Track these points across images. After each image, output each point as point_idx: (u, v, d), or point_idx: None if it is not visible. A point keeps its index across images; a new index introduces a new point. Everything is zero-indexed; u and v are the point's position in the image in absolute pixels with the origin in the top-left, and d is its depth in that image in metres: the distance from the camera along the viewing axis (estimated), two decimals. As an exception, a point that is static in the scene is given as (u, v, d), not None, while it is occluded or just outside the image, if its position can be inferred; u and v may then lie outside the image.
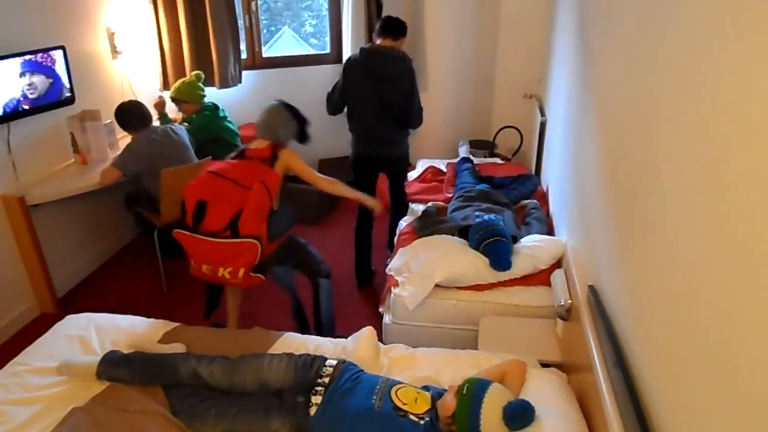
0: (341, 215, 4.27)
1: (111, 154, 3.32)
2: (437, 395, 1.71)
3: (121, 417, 1.69)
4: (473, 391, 1.59)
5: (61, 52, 3.03)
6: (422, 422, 1.61)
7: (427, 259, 2.48)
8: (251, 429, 1.68)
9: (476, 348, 2.17)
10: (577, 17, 2.62)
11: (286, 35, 5.76)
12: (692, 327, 1.01)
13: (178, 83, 3.60)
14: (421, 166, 3.84)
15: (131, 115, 3.09)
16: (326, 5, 4.58)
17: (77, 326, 2.18)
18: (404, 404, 1.65)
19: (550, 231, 2.85)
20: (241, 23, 4.32)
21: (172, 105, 3.79)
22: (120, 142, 3.49)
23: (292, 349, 2.01)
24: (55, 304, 3.10)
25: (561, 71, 3.09)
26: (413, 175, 3.71)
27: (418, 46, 4.23)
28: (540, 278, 2.45)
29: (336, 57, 4.60)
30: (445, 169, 3.72)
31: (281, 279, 2.60)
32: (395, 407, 1.64)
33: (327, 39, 4.68)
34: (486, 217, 2.58)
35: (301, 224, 2.58)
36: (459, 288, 2.43)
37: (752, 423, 0.78)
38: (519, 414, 1.54)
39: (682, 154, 1.10)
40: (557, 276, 2.26)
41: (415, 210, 3.18)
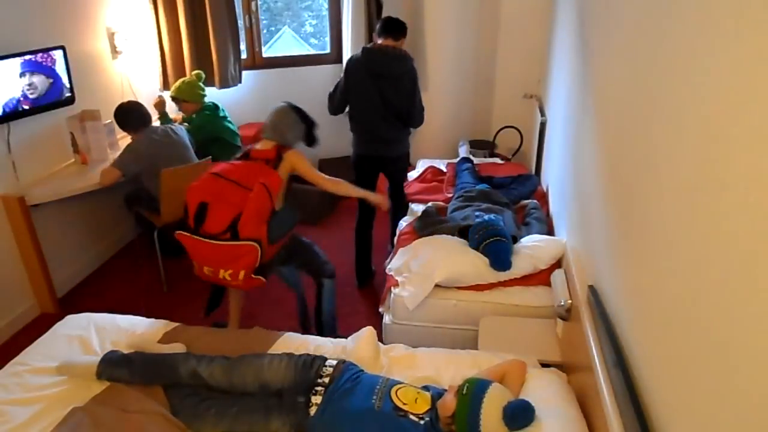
0: (341, 215, 4.27)
1: (111, 154, 3.32)
2: (437, 395, 1.71)
3: (121, 417, 1.69)
4: (473, 391, 1.59)
5: (61, 52, 3.03)
6: (422, 422, 1.61)
7: (427, 259, 2.48)
8: (251, 429, 1.68)
9: (476, 348, 2.17)
10: (577, 17, 2.62)
11: (286, 35, 5.76)
12: (692, 327, 1.01)
13: (179, 82, 3.60)
14: (421, 166, 3.83)
15: (131, 116, 3.09)
16: (326, 5, 4.58)
17: (77, 326, 2.18)
18: (404, 404, 1.65)
19: (550, 231, 2.85)
20: (241, 23, 4.32)
21: (173, 104, 3.79)
22: (120, 142, 3.49)
23: (292, 349, 2.00)
24: (55, 304, 3.10)
25: (561, 71, 3.09)
26: (413, 175, 3.70)
27: (418, 46, 4.23)
28: (540, 278, 2.45)
29: (336, 57, 4.60)
30: (445, 169, 3.72)
31: (288, 279, 2.58)
32: (395, 407, 1.64)
33: (327, 39, 4.68)
34: (486, 217, 2.58)
35: (302, 224, 2.58)
36: (459, 288, 2.43)
37: (752, 423, 0.78)
38: (519, 414, 1.54)
39: (682, 154, 1.10)
40: (557, 276, 2.26)
41: (415, 210, 3.18)
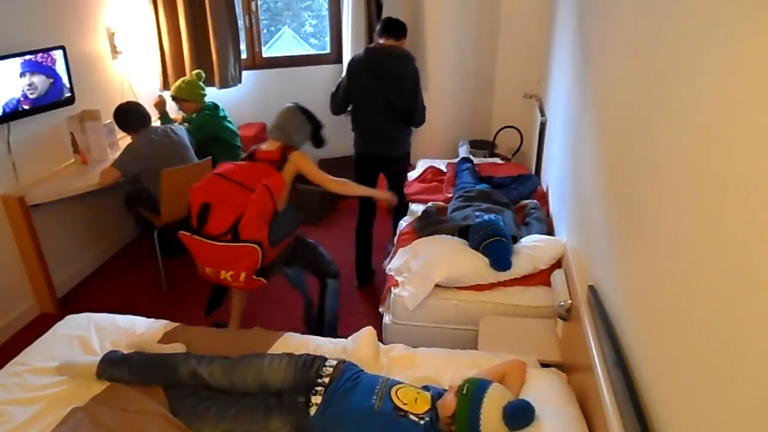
0: (341, 215, 4.27)
1: (111, 154, 3.32)
2: (437, 395, 1.71)
3: (121, 417, 1.69)
4: (473, 391, 1.59)
5: (61, 52, 3.03)
6: (422, 422, 1.61)
7: (427, 259, 2.48)
8: (251, 429, 1.68)
9: (476, 348, 2.17)
10: (577, 17, 2.62)
11: (286, 35, 5.76)
12: (692, 327, 1.01)
13: (179, 82, 3.60)
14: (421, 166, 3.83)
15: (130, 116, 3.09)
16: (326, 5, 4.58)
17: (77, 326, 2.18)
18: (404, 404, 1.65)
19: (550, 231, 2.85)
20: (241, 23, 4.32)
21: (173, 104, 3.79)
22: (120, 142, 3.49)
23: (292, 349, 2.00)
24: (55, 304, 3.10)
25: (561, 71, 3.09)
26: (413, 175, 3.70)
27: (418, 46, 4.23)
28: (540, 278, 2.45)
29: (336, 57, 4.60)
30: (445, 169, 3.72)
31: (293, 280, 2.56)
32: (395, 407, 1.64)
33: (327, 39, 4.68)
34: (486, 217, 2.58)
35: (302, 225, 2.56)
36: (459, 288, 2.43)
37: (752, 423, 0.78)
38: (519, 414, 1.54)
39: (682, 154, 1.10)
40: (557, 276, 2.26)
41: (415, 210, 3.18)
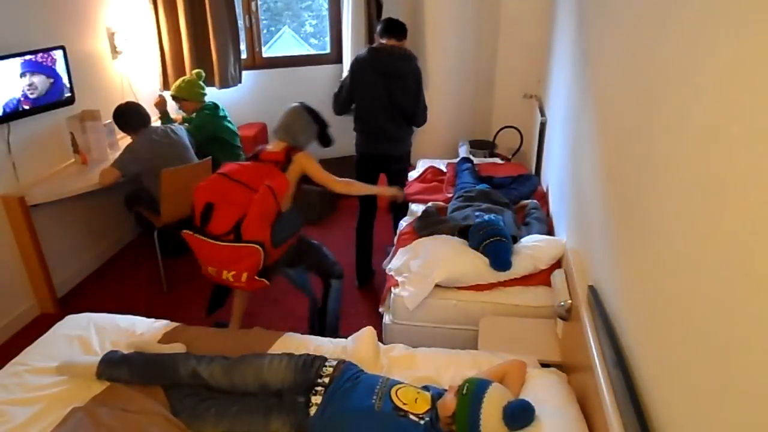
0: (342, 215, 4.27)
1: (111, 155, 3.32)
2: (437, 395, 1.71)
3: (121, 417, 1.69)
4: (473, 391, 1.58)
5: (61, 52, 3.03)
6: (422, 422, 1.61)
7: (427, 259, 2.48)
8: (251, 429, 1.68)
9: (476, 348, 2.17)
10: (577, 17, 2.62)
11: (286, 35, 5.77)
12: (692, 327, 1.01)
13: (179, 81, 3.60)
14: (421, 166, 3.83)
15: (130, 117, 3.09)
16: (326, 5, 4.58)
17: (77, 326, 2.18)
18: (404, 404, 1.65)
19: (550, 231, 2.85)
20: (241, 23, 4.32)
21: (174, 104, 3.79)
22: (120, 143, 3.49)
23: (292, 349, 2.00)
24: (55, 304, 3.10)
25: (561, 71, 3.09)
26: (413, 175, 3.70)
27: (418, 46, 4.23)
28: (540, 278, 2.45)
29: (336, 57, 4.60)
30: (445, 169, 3.72)
31: (296, 282, 2.54)
32: (395, 407, 1.64)
33: (327, 39, 4.68)
34: (486, 217, 2.58)
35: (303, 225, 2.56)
36: (459, 288, 2.43)
37: (752, 423, 0.78)
38: (519, 414, 1.54)
39: (682, 154, 1.10)
40: (557, 276, 2.26)
41: (415, 210, 3.18)
